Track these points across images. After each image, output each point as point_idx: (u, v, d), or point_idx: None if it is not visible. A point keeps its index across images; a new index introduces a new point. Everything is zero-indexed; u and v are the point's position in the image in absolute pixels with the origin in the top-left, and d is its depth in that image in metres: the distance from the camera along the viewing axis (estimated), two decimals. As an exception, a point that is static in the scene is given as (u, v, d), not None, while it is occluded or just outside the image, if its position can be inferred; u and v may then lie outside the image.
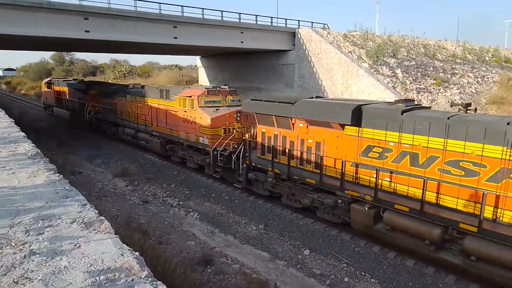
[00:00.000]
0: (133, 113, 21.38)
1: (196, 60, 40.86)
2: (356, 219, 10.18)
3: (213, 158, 15.02)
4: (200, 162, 16.62)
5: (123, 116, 22.63)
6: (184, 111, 16.61)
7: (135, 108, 21.22)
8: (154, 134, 19.49)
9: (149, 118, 19.80)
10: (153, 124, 19.46)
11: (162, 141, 18.91)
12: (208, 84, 36.09)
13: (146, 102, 19.99)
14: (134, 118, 21.30)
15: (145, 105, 20.05)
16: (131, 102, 21.65)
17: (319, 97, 13.17)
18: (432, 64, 28.90)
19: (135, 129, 21.37)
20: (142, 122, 20.57)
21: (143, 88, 21.09)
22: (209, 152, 15.29)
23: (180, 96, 16.83)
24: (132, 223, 10.86)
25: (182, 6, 23.87)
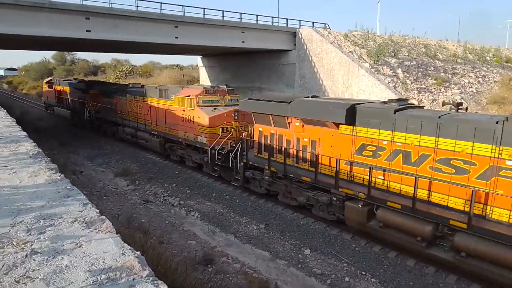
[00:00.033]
0: (133, 113, 21.42)
1: (197, 60, 40.84)
2: (350, 217, 10.31)
3: (211, 157, 15.09)
4: (198, 160, 16.70)
5: (123, 115, 22.68)
6: (183, 110, 16.68)
7: (135, 108, 21.26)
8: (154, 133, 19.54)
9: (148, 117, 19.85)
10: (153, 123, 19.51)
11: (161, 140, 18.99)
12: (209, 84, 36.07)
13: (145, 102, 20.04)
14: (134, 118, 21.35)
15: (145, 104, 20.10)
16: (130, 102, 21.70)
17: (315, 96, 13.26)
18: (433, 64, 28.86)
19: (135, 128, 21.42)
20: (141, 122, 20.61)
21: (143, 88, 21.14)
22: (207, 151, 15.36)
23: (178, 96, 16.89)
24: (133, 223, 10.88)
25: (183, 6, 23.96)
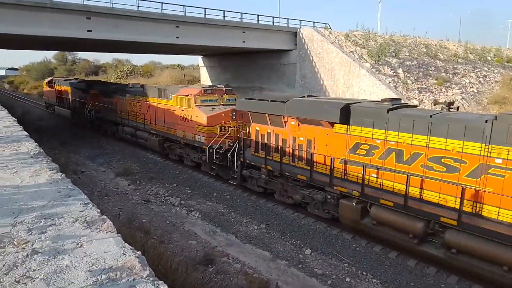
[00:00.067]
0: (133, 112, 21.48)
1: (198, 60, 40.83)
2: (344, 214, 10.43)
3: (209, 156, 15.20)
4: (196, 159, 16.79)
5: (123, 115, 22.73)
6: (181, 110, 16.76)
7: (134, 107, 21.33)
8: (153, 133, 19.62)
9: (147, 116, 19.92)
10: (152, 122, 19.58)
11: (160, 140, 19.09)
12: (210, 84, 36.06)
13: (145, 101, 20.11)
14: (133, 117, 21.41)
15: (144, 104, 20.17)
16: (130, 101, 21.75)
17: (310, 96, 13.42)
18: (433, 64, 28.80)
19: (134, 128, 21.48)
20: (141, 121, 20.67)
21: (142, 88, 21.20)
22: (205, 150, 15.45)
23: (177, 95, 16.97)
24: (134, 222, 10.87)
25: (184, 6, 23.91)
